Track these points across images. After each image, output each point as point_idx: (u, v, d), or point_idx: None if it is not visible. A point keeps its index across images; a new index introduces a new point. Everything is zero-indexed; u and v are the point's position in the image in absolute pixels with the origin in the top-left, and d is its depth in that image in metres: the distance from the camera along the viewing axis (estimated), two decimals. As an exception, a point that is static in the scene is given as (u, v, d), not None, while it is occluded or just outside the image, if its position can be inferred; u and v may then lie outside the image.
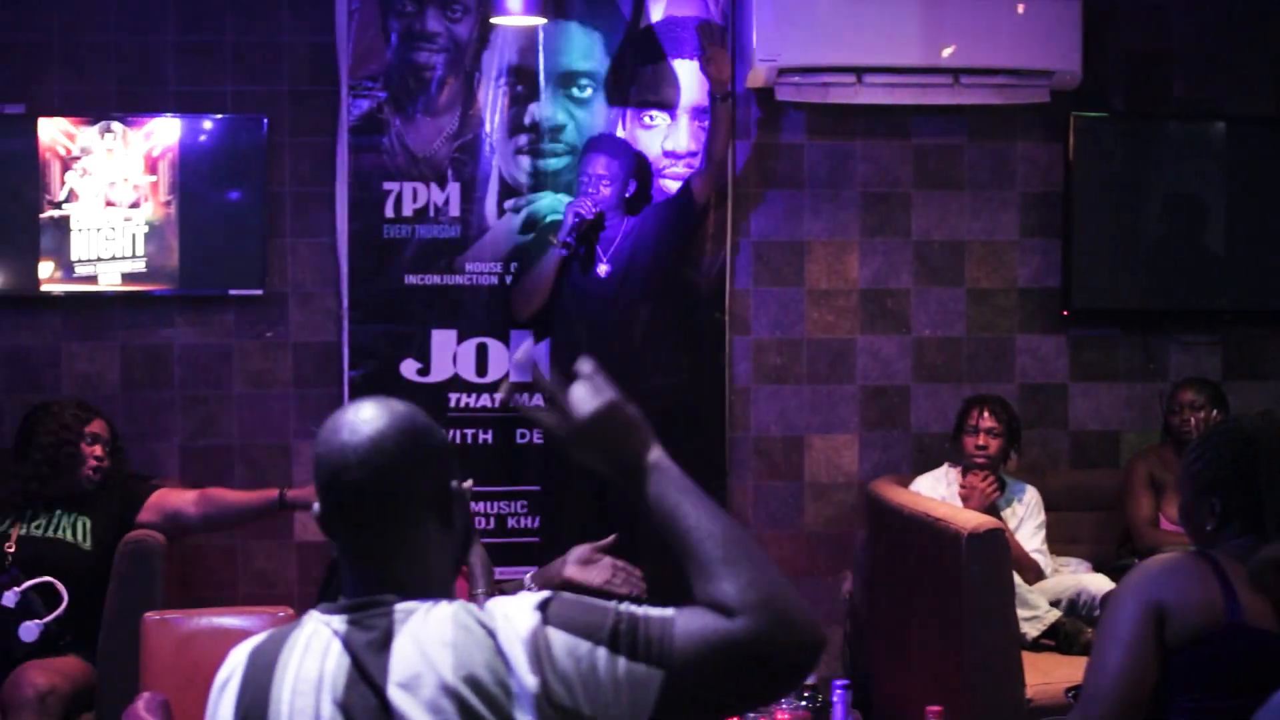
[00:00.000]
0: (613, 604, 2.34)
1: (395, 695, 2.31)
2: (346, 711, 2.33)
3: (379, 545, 2.46)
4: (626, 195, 6.92)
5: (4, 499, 5.94)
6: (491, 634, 2.33)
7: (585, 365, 2.53)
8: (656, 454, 2.48)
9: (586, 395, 2.49)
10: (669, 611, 2.33)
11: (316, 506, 2.51)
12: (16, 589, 5.68)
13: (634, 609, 2.32)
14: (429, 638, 2.33)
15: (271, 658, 2.43)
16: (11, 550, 5.79)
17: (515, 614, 2.34)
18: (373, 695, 2.32)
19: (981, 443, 6.69)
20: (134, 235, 6.84)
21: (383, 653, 2.34)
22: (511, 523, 6.99)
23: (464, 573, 4.26)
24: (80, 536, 5.89)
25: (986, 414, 6.73)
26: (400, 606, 2.39)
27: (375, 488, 2.45)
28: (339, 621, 2.41)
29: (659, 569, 6.90)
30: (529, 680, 2.28)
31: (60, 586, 5.73)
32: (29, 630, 5.64)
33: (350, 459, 2.44)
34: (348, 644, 2.37)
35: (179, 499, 6.04)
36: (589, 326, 6.71)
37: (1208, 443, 3.49)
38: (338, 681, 2.35)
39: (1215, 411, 6.81)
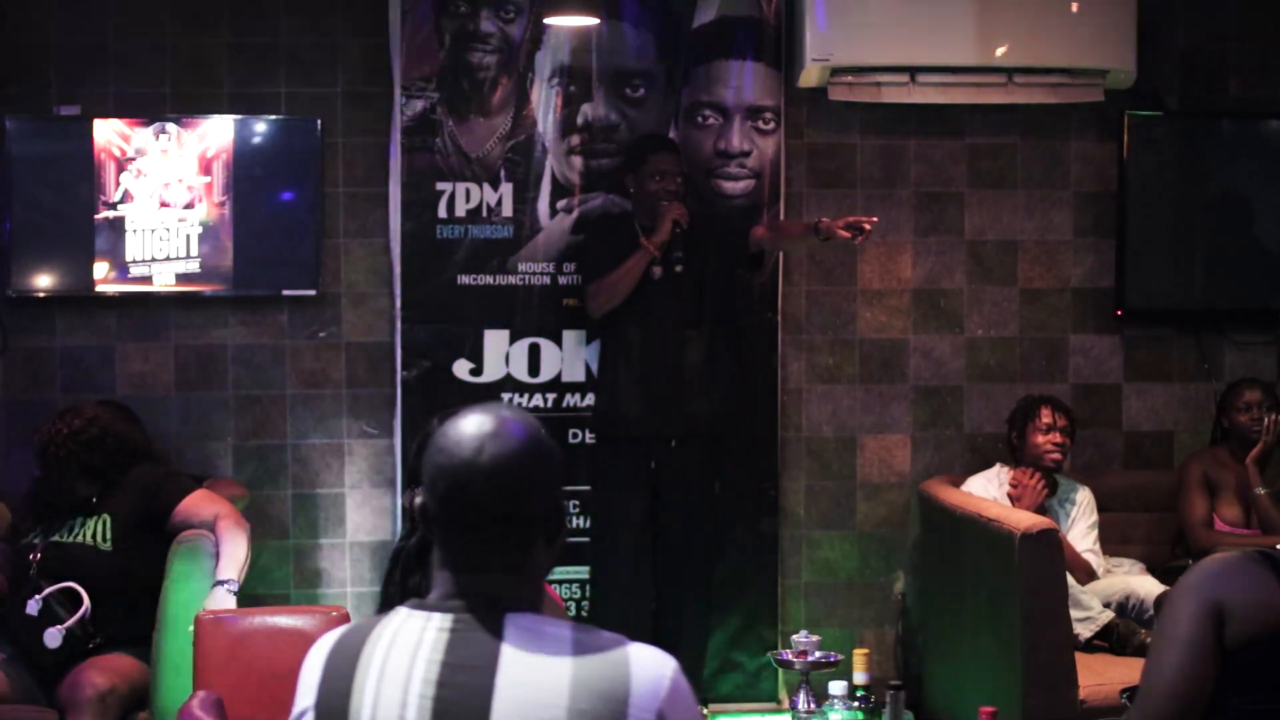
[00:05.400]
0: None
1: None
2: (438, 704, 2.35)
3: (484, 558, 2.46)
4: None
5: (28, 513, 6.00)
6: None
7: None
8: None
9: None
10: None
11: (419, 499, 2.51)
12: (38, 596, 5.69)
13: None
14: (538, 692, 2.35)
15: (355, 648, 2.44)
16: (37, 559, 5.81)
17: None
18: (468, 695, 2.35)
19: (1059, 440, 6.66)
20: (188, 236, 6.88)
21: (487, 673, 2.36)
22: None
23: None
24: (100, 538, 5.88)
25: (1059, 414, 6.71)
26: (510, 622, 2.40)
27: (495, 510, 2.44)
28: (440, 619, 2.42)
29: (707, 566, 6.94)
30: None
31: (80, 590, 5.72)
32: (52, 636, 5.62)
33: (475, 478, 2.43)
34: (448, 644, 2.39)
35: (202, 518, 5.91)
36: (641, 327, 6.67)
37: None
38: (430, 675, 2.36)
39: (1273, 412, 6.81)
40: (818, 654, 5.23)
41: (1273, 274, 7.38)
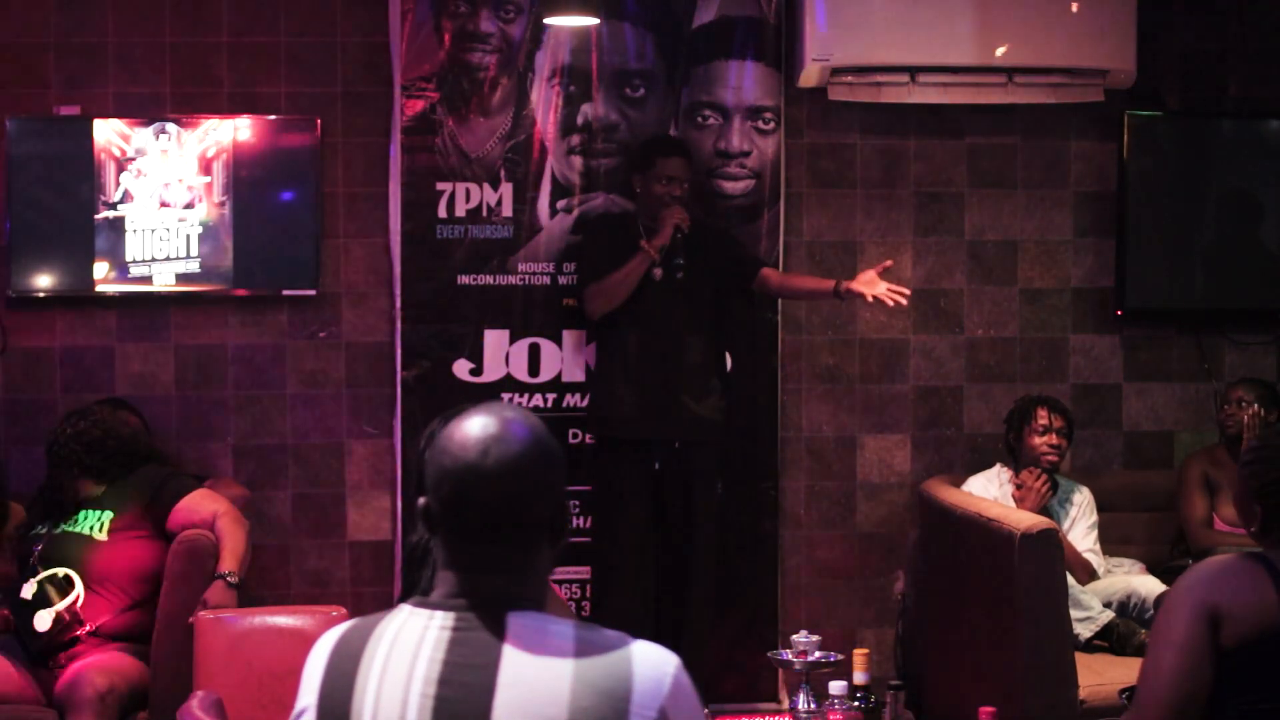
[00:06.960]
0: None
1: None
2: (439, 702, 2.34)
3: (487, 559, 2.45)
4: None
5: (33, 509, 6.13)
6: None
7: None
8: None
9: None
10: None
11: (423, 501, 2.49)
12: (33, 580, 5.75)
13: None
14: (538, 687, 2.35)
15: (358, 646, 2.44)
16: (39, 549, 5.87)
17: None
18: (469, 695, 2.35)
19: (1055, 441, 6.66)
20: (188, 236, 6.88)
21: (489, 672, 2.36)
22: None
23: None
24: (97, 529, 5.92)
25: (1056, 414, 6.71)
26: (512, 620, 2.40)
27: (499, 514, 2.43)
28: (442, 618, 2.41)
29: (709, 566, 6.92)
30: None
31: (74, 575, 5.77)
32: (41, 619, 5.68)
33: (480, 481, 2.42)
34: (450, 643, 2.39)
35: (202, 516, 5.93)
36: (641, 330, 6.67)
37: (1260, 450, 3.47)
38: (431, 674, 2.36)
39: (1264, 410, 6.80)
40: (818, 654, 5.22)
41: (1273, 274, 7.38)
